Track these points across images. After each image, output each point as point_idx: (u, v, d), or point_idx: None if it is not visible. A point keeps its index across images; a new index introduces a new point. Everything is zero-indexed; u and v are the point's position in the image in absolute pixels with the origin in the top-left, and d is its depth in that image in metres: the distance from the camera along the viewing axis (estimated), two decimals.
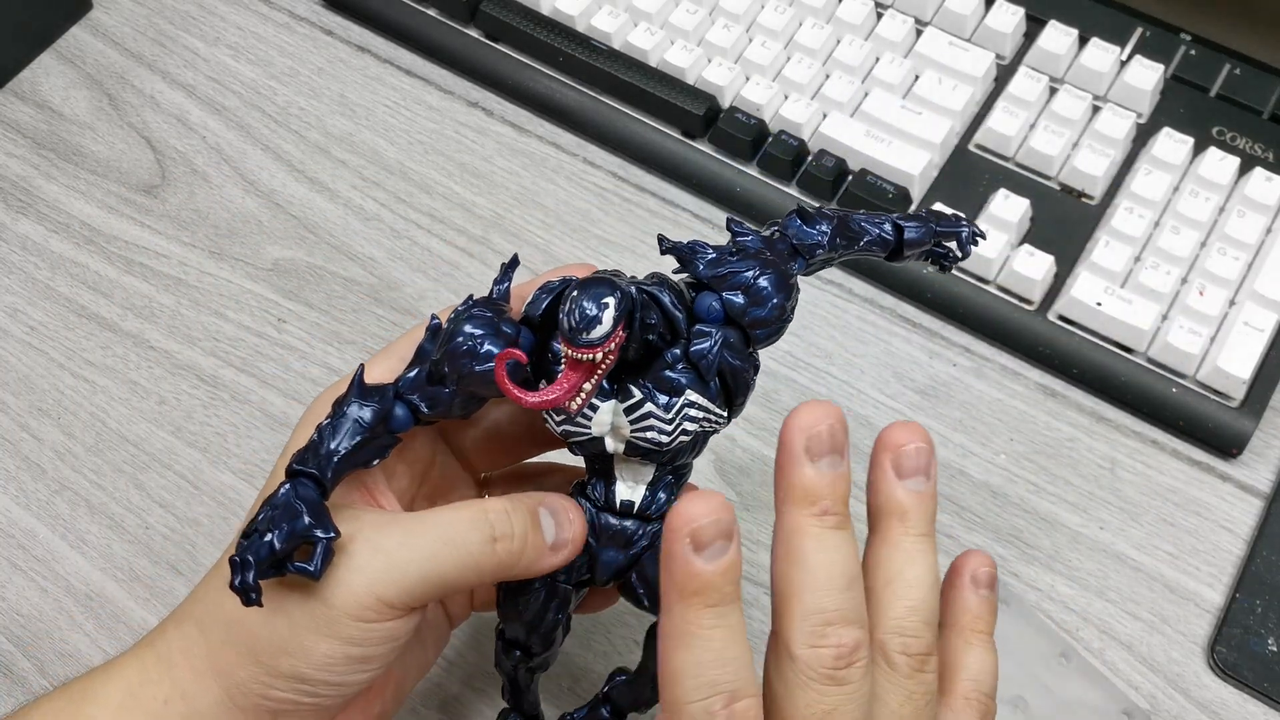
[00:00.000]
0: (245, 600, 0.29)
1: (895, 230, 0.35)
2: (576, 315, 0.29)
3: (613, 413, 0.32)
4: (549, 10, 0.58)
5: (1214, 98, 0.54)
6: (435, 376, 0.33)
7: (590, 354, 0.30)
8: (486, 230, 0.55)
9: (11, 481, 0.50)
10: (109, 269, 0.55)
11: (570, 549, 0.33)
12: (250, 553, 0.30)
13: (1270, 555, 0.46)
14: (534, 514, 0.33)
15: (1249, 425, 0.47)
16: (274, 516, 0.30)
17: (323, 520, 0.30)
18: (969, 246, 0.37)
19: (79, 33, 0.62)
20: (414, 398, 0.33)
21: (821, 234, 0.34)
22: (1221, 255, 0.49)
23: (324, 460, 0.31)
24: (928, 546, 0.31)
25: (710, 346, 0.32)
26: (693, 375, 0.32)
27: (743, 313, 0.32)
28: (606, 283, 0.30)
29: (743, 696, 0.28)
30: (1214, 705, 0.43)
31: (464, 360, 0.32)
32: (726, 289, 0.32)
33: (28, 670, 0.45)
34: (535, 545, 0.32)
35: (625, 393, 0.32)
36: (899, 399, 0.50)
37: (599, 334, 0.29)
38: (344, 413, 0.32)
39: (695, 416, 0.32)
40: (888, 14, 0.57)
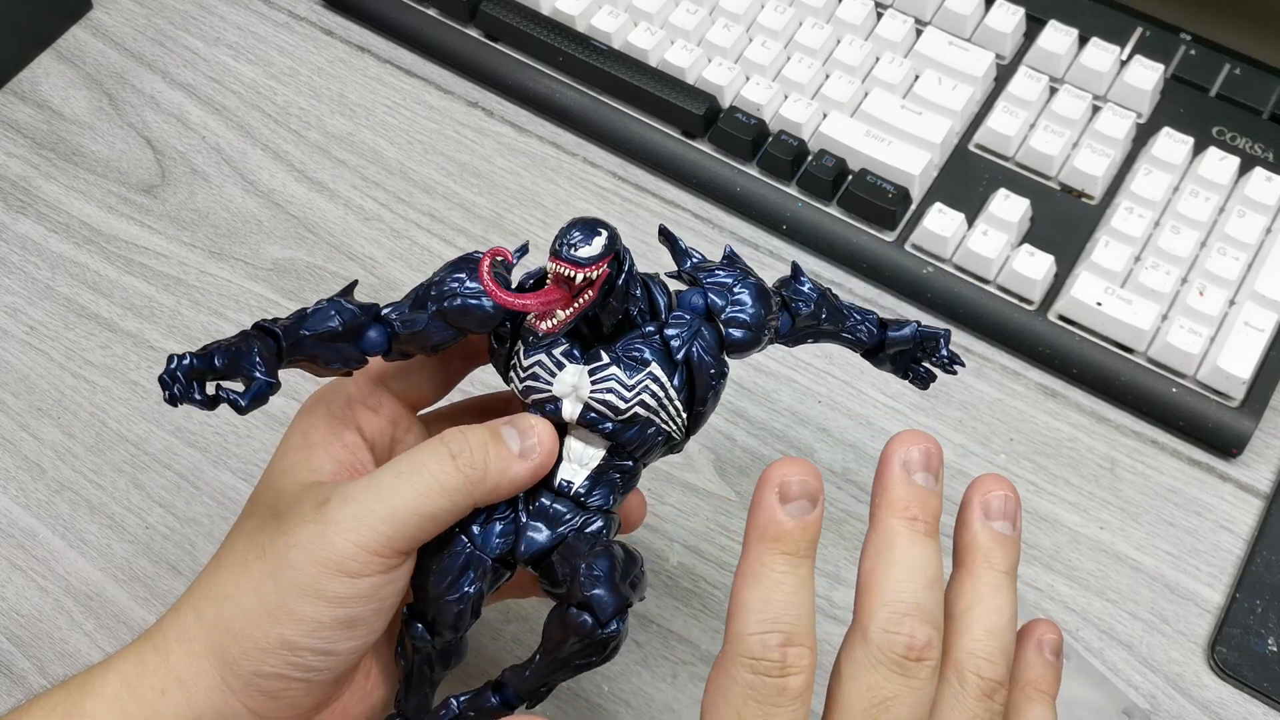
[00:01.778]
0: (168, 395, 0.30)
1: (879, 325, 0.37)
2: (569, 234, 0.30)
3: (577, 375, 0.33)
4: (549, 10, 0.58)
5: (1214, 98, 0.54)
6: (419, 302, 0.33)
7: (573, 270, 0.30)
8: (486, 230, 0.55)
9: (11, 481, 0.50)
10: (109, 269, 0.55)
11: (541, 453, 0.33)
12: (192, 353, 0.31)
13: (1270, 555, 0.46)
14: (493, 429, 0.33)
15: (1249, 425, 0.47)
16: (226, 346, 0.31)
17: (269, 366, 0.31)
18: (946, 350, 0.38)
19: (79, 33, 0.62)
20: (392, 316, 0.33)
21: (809, 293, 0.36)
22: (1221, 255, 0.49)
23: (290, 330, 0.32)
24: (1010, 585, 0.32)
25: (683, 331, 0.33)
26: (661, 354, 0.33)
27: (722, 310, 0.34)
28: (605, 222, 0.31)
29: (799, 643, 0.29)
30: (1214, 705, 0.43)
31: (450, 285, 0.33)
32: (711, 287, 0.34)
33: (28, 670, 0.45)
34: (500, 454, 0.33)
35: (593, 357, 0.33)
36: (899, 399, 0.50)
37: (586, 254, 0.30)
38: (324, 304, 0.33)
39: (655, 393, 0.33)
40: (888, 14, 0.57)
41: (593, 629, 0.31)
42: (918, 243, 0.52)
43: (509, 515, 0.34)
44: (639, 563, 0.34)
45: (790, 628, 0.29)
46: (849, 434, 0.49)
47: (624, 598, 0.32)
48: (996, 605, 0.31)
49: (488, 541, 0.34)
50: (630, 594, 0.32)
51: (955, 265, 0.52)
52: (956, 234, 0.51)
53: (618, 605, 0.32)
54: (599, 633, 0.32)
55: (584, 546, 0.33)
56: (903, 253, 0.52)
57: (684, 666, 0.45)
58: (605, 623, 0.32)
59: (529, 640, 0.45)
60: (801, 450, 0.49)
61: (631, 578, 0.33)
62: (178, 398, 0.30)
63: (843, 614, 0.45)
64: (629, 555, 0.33)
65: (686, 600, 0.46)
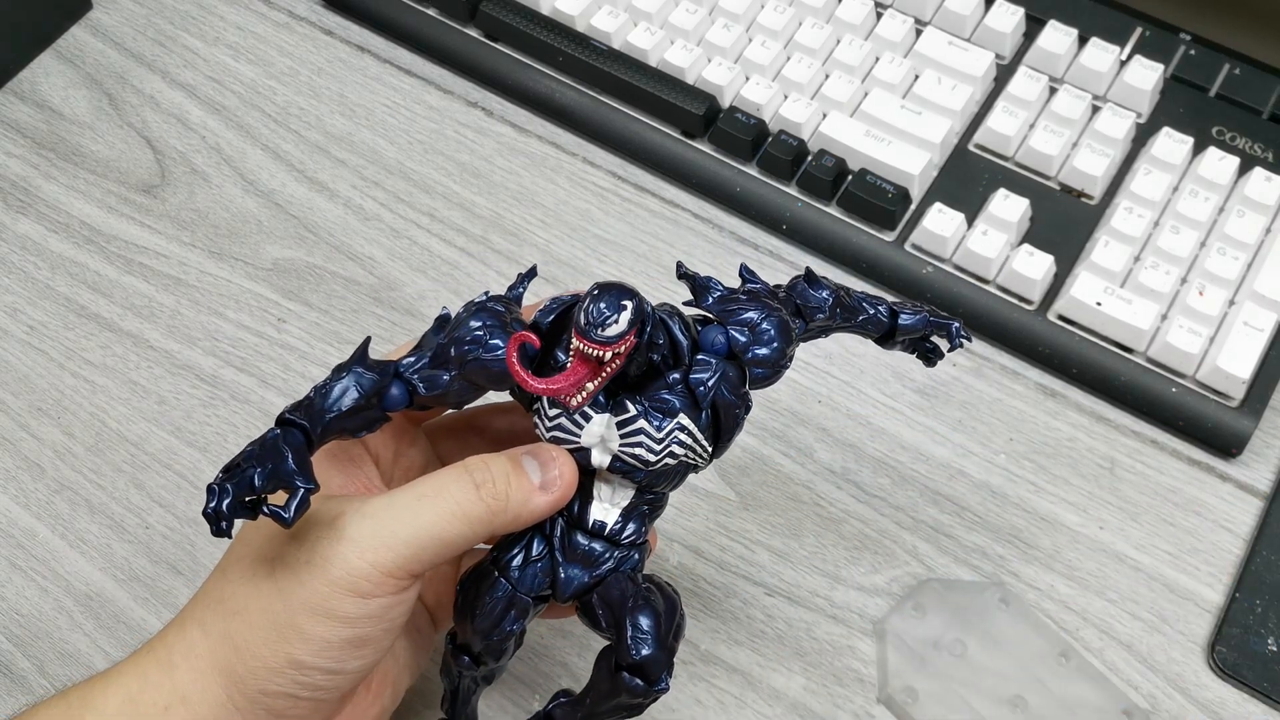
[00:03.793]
0: (215, 529, 0.30)
1: (891, 314, 0.37)
2: (594, 311, 0.30)
3: (605, 425, 0.33)
4: (549, 10, 0.58)
5: (1214, 98, 0.54)
6: (438, 360, 0.33)
7: (601, 350, 0.30)
8: (486, 230, 0.55)
9: (11, 481, 0.50)
10: (109, 269, 0.55)
11: (562, 486, 0.33)
12: (230, 483, 0.30)
13: (1270, 555, 0.46)
14: (514, 459, 0.33)
15: (1249, 425, 0.47)
16: (259, 455, 0.30)
17: (305, 469, 0.30)
18: (959, 341, 0.38)
19: (79, 33, 0.62)
20: (413, 378, 0.33)
21: (824, 300, 0.36)
22: (1221, 255, 0.49)
23: (315, 416, 0.32)
24: None
25: (709, 376, 0.33)
26: (688, 401, 0.33)
27: (745, 349, 0.33)
28: (627, 289, 0.31)
29: None
30: (1214, 705, 0.43)
31: (469, 347, 0.33)
32: (733, 324, 0.34)
33: (28, 670, 0.45)
34: (521, 486, 0.32)
35: (620, 407, 0.33)
36: (899, 399, 0.50)
37: (614, 331, 0.30)
38: (342, 377, 0.33)
39: (683, 441, 0.33)
40: (888, 14, 0.57)
41: (645, 691, 0.33)
42: (917, 243, 0.52)
43: (544, 554, 0.34)
44: (678, 607, 0.34)
45: None
46: (849, 434, 0.49)
47: (671, 652, 0.33)
48: None
49: (525, 581, 0.34)
50: (676, 645, 0.33)
51: (955, 265, 0.52)
52: (956, 234, 0.51)
53: (666, 662, 0.33)
54: (651, 691, 0.33)
55: (623, 588, 0.34)
56: (902, 253, 0.52)
57: (684, 666, 0.45)
58: (656, 681, 0.33)
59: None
60: (801, 450, 0.49)
61: (675, 627, 0.34)
62: (225, 531, 0.30)
63: (842, 614, 0.45)
64: (669, 602, 0.34)
65: (686, 600, 0.46)
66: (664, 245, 0.54)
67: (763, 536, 0.47)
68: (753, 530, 0.47)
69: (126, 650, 0.45)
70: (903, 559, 0.46)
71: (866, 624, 0.45)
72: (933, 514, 0.47)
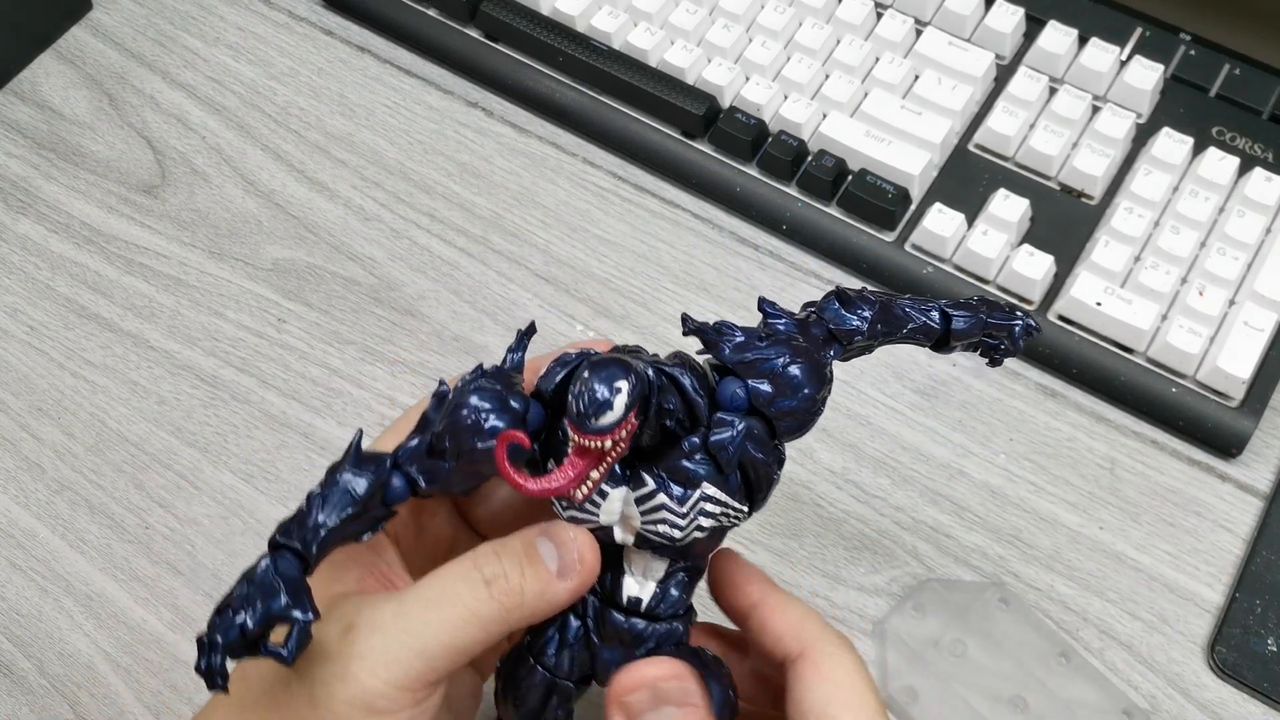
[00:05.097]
0: (210, 684, 0.27)
1: (943, 319, 0.34)
2: (586, 399, 0.27)
3: (623, 500, 0.30)
4: (549, 10, 0.58)
5: (1214, 98, 0.54)
6: (436, 449, 0.30)
7: (599, 441, 0.27)
8: (486, 230, 0.55)
9: (11, 481, 0.50)
10: (109, 269, 0.55)
11: (582, 572, 0.31)
12: (220, 632, 0.28)
13: (1270, 555, 0.46)
14: (528, 545, 0.30)
15: (1249, 425, 0.47)
16: (249, 594, 0.28)
17: (301, 600, 0.28)
18: (1022, 342, 0.35)
19: (79, 33, 0.62)
20: (412, 469, 0.30)
21: (862, 319, 0.32)
22: (1221, 255, 0.49)
23: (310, 533, 0.29)
24: None
25: (731, 437, 0.30)
26: (711, 467, 0.30)
27: (769, 402, 0.30)
28: (620, 364, 0.28)
29: None
30: (1214, 705, 0.43)
31: (466, 435, 0.29)
32: (753, 376, 0.30)
33: (28, 670, 0.45)
34: (537, 577, 0.30)
35: (638, 480, 0.30)
36: (899, 399, 0.50)
37: (609, 420, 0.27)
38: (336, 481, 0.29)
39: (712, 511, 0.30)
40: (888, 14, 0.57)
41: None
42: (918, 243, 0.52)
43: (581, 635, 0.32)
44: (729, 691, 0.32)
45: None
46: (849, 434, 0.49)
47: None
48: None
49: (563, 666, 0.32)
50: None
51: (955, 265, 0.52)
52: (956, 234, 0.51)
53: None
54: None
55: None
56: (903, 253, 0.52)
57: None
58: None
59: None
60: (801, 450, 0.49)
61: (720, 708, 0.32)
62: (221, 686, 0.28)
63: (842, 614, 0.45)
64: (719, 688, 0.31)
65: None
66: (664, 245, 0.54)
67: (763, 536, 0.47)
68: (753, 530, 0.47)
69: (126, 650, 0.46)
70: (903, 559, 0.46)
71: (866, 624, 0.45)
72: (933, 514, 0.47)
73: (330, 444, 0.50)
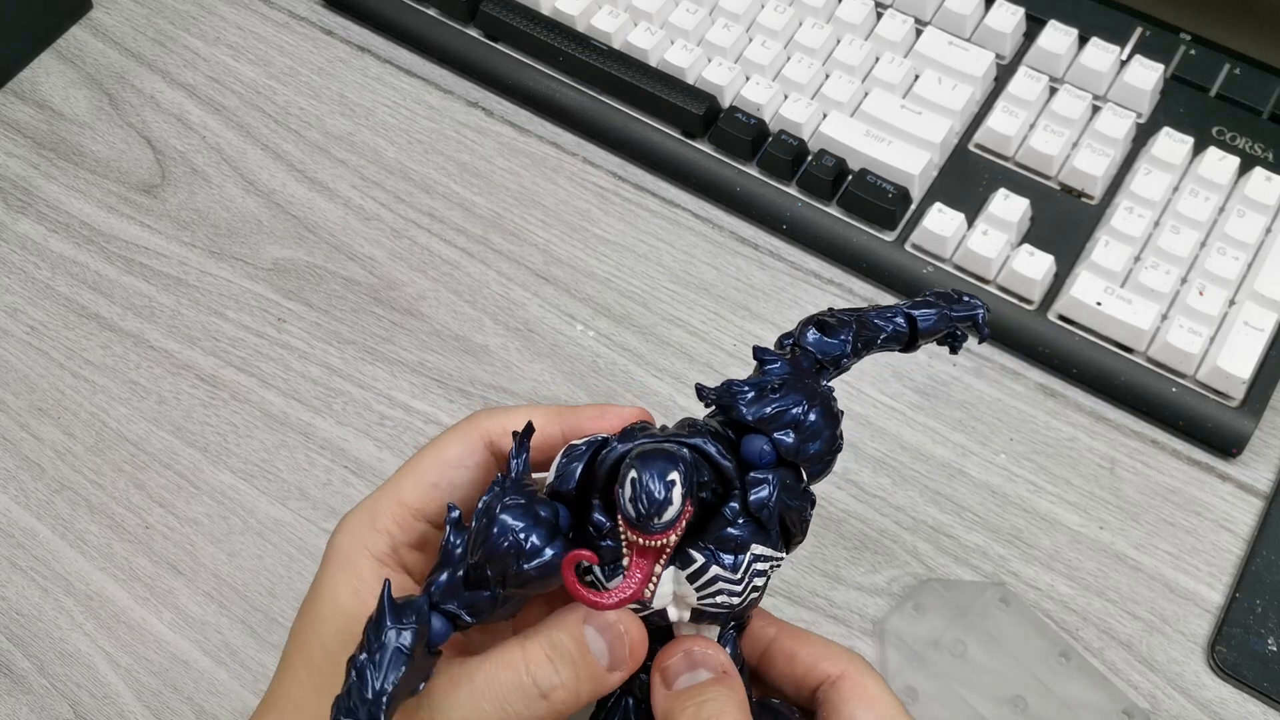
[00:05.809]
0: None
1: (908, 321, 0.34)
2: (645, 501, 0.27)
3: (674, 582, 0.30)
4: (549, 10, 0.58)
5: (1214, 98, 0.54)
6: (475, 579, 0.29)
7: (664, 540, 0.27)
8: (486, 230, 0.55)
9: (11, 481, 0.50)
10: (109, 269, 0.55)
11: (632, 660, 0.31)
12: None
13: (1270, 555, 0.46)
14: (579, 642, 0.30)
15: (1249, 425, 0.47)
16: None
17: None
18: (987, 329, 0.36)
19: (79, 33, 0.62)
20: (451, 606, 0.29)
21: (844, 343, 0.33)
22: (1221, 255, 0.49)
23: (374, 706, 0.28)
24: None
25: (770, 495, 0.30)
26: (754, 527, 0.30)
27: (796, 451, 0.30)
28: (666, 455, 0.28)
29: None
30: (1214, 705, 0.43)
31: (511, 560, 0.29)
32: (776, 429, 0.30)
33: (28, 670, 0.45)
34: (592, 676, 0.30)
35: (684, 558, 0.30)
36: (899, 399, 0.50)
37: (670, 516, 0.27)
38: (383, 642, 0.28)
39: (763, 570, 0.30)
40: (888, 14, 0.57)
41: None
42: (918, 242, 0.52)
43: (646, 717, 0.32)
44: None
45: None
46: (849, 434, 0.49)
47: None
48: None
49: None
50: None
51: (955, 265, 0.52)
52: (956, 234, 0.51)
53: None
54: None
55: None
56: (903, 253, 0.52)
57: None
58: None
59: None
60: None
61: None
62: None
63: (842, 614, 0.45)
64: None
65: None
66: (664, 245, 0.54)
67: None
68: None
69: (126, 650, 0.46)
70: (903, 559, 0.46)
71: (866, 624, 0.45)
72: (933, 514, 0.47)
73: (330, 444, 0.50)
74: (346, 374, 0.52)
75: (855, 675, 0.34)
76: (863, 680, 0.33)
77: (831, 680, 0.34)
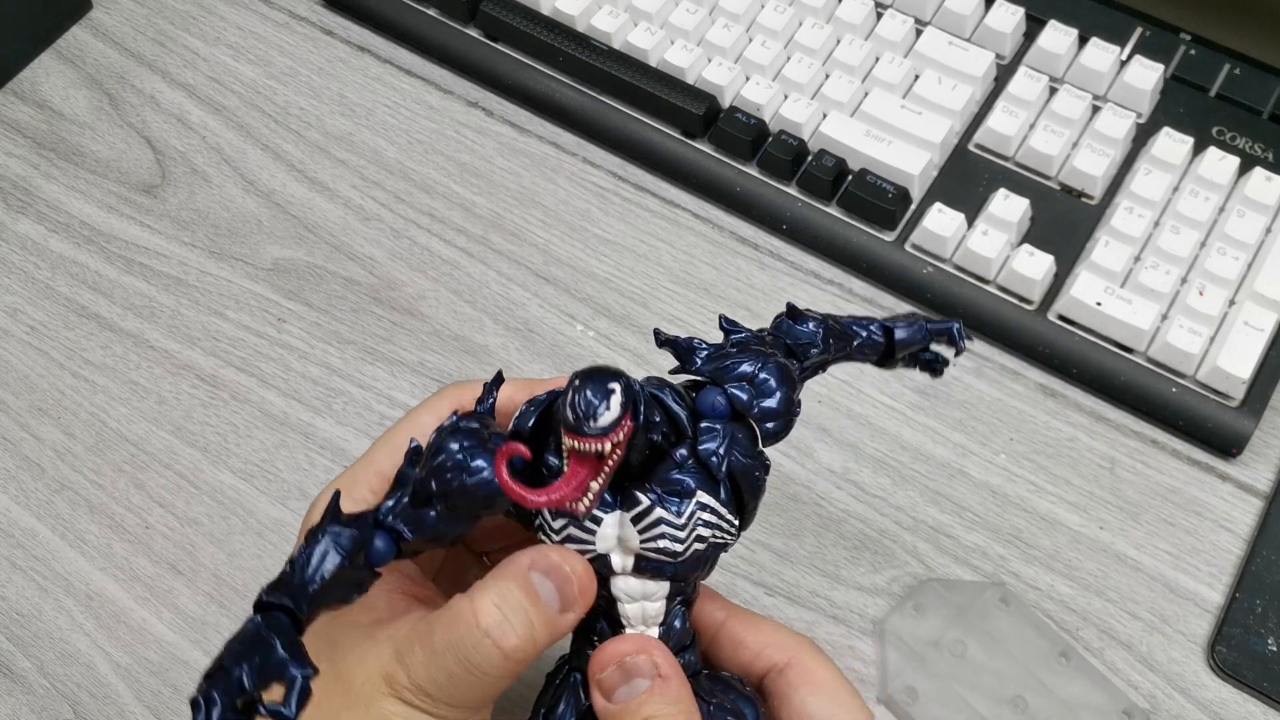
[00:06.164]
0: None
1: (884, 331, 0.35)
2: (582, 404, 0.28)
3: (618, 524, 0.31)
4: (549, 10, 0.58)
5: (1214, 98, 0.54)
6: (420, 497, 0.30)
7: (598, 444, 0.28)
8: (486, 230, 0.55)
9: (11, 481, 0.50)
10: (109, 269, 0.55)
11: (583, 600, 0.31)
12: (216, 689, 0.27)
13: (1270, 555, 0.46)
14: (527, 588, 0.30)
15: (1249, 425, 0.47)
16: (242, 651, 0.27)
17: (298, 654, 0.28)
18: (963, 342, 0.36)
19: (79, 33, 0.62)
20: (396, 523, 0.30)
21: (813, 333, 0.33)
22: (1221, 255, 0.49)
23: (297, 591, 0.29)
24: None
25: (719, 444, 0.30)
26: (703, 476, 0.30)
27: (749, 405, 0.31)
28: (610, 371, 0.28)
29: None
30: (1214, 705, 0.43)
31: (452, 474, 0.30)
32: (730, 382, 0.31)
33: (28, 670, 0.45)
34: (544, 621, 0.30)
35: (630, 500, 0.30)
36: (899, 399, 0.50)
37: (606, 421, 0.27)
38: (318, 541, 0.29)
39: (709, 521, 0.31)
40: (888, 14, 0.57)
41: None
42: (918, 243, 0.52)
43: (579, 697, 0.32)
44: (757, 706, 0.32)
45: None
46: (849, 434, 0.49)
47: None
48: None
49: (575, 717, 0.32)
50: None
51: (955, 265, 0.52)
52: (956, 234, 0.51)
53: None
54: None
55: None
56: (903, 253, 0.52)
57: None
58: None
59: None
60: (801, 450, 0.49)
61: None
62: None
63: (842, 614, 0.45)
64: (753, 710, 0.32)
65: None
66: (664, 245, 0.54)
67: (763, 536, 0.47)
68: (753, 530, 0.47)
69: (126, 650, 0.46)
70: (903, 559, 0.46)
71: (866, 624, 0.45)
72: (933, 514, 0.47)
73: (330, 444, 0.50)
74: (346, 374, 0.52)
75: (803, 661, 0.33)
76: (810, 665, 0.33)
77: (779, 669, 0.33)
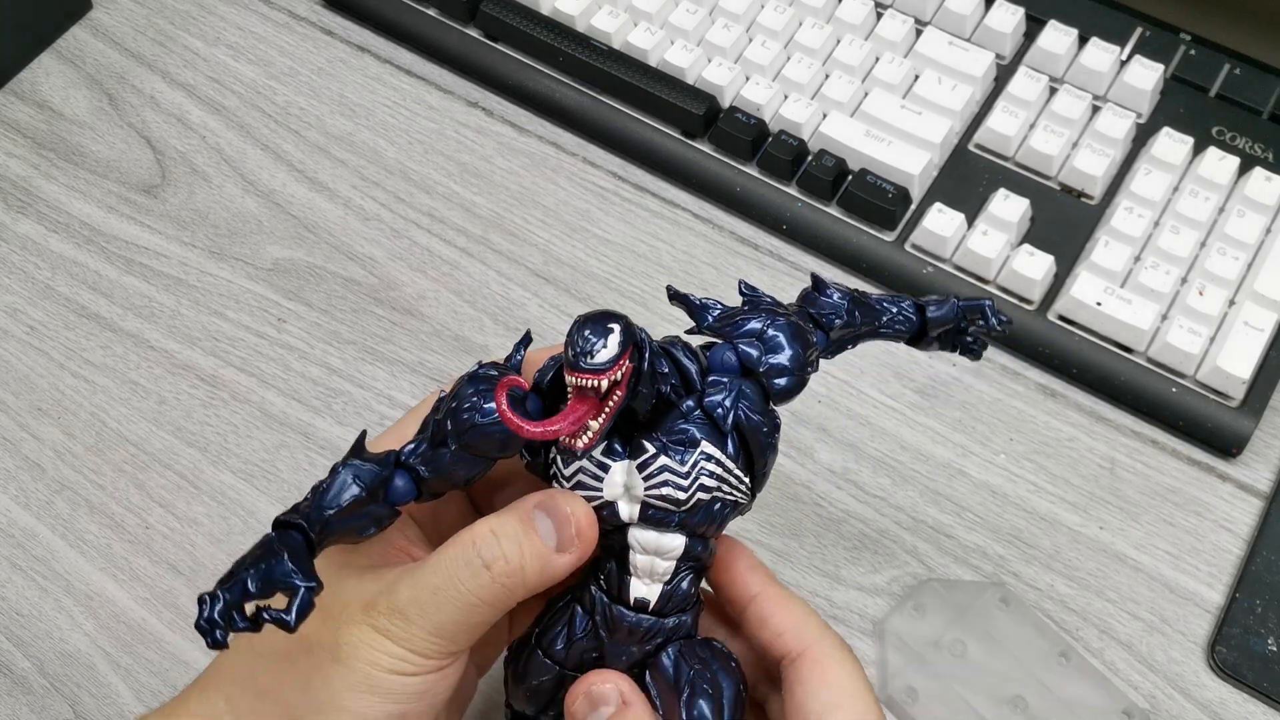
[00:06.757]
0: (210, 640, 0.28)
1: (917, 308, 0.34)
2: (581, 341, 0.28)
3: (625, 473, 0.31)
4: (549, 10, 0.58)
5: (1214, 98, 0.54)
6: (437, 438, 0.31)
7: (595, 379, 0.28)
8: (486, 230, 0.55)
9: (11, 481, 0.50)
10: (109, 269, 0.55)
11: (581, 545, 0.31)
12: (223, 589, 0.28)
13: (1270, 555, 0.46)
14: (525, 521, 0.31)
15: (1249, 425, 0.47)
16: (253, 559, 0.29)
17: (304, 567, 0.28)
18: (994, 320, 0.35)
19: (79, 33, 0.62)
20: (414, 462, 0.31)
21: (838, 304, 0.33)
22: (1221, 255, 0.49)
23: (314, 515, 0.30)
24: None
25: (725, 396, 0.31)
26: (708, 428, 0.31)
27: (759, 362, 0.31)
28: (611, 313, 0.29)
29: None
30: (1214, 705, 0.43)
31: (466, 414, 0.30)
32: (740, 338, 0.31)
33: (28, 670, 0.45)
34: (536, 554, 0.31)
35: (638, 449, 0.31)
36: (899, 399, 0.50)
37: (605, 356, 0.28)
38: (339, 472, 0.30)
39: (713, 472, 0.31)
40: (888, 14, 0.57)
41: None
42: (918, 243, 0.52)
43: (589, 629, 0.32)
44: (739, 687, 0.32)
45: None
46: (849, 434, 0.49)
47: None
48: None
49: (572, 658, 0.33)
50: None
51: (955, 265, 0.52)
52: (956, 234, 0.51)
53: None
54: None
55: (677, 668, 0.32)
56: (903, 253, 0.52)
57: None
58: None
59: None
60: (801, 450, 0.49)
61: (733, 706, 0.32)
62: (220, 642, 0.28)
63: (842, 614, 0.45)
64: (729, 684, 0.32)
65: None
66: (664, 245, 0.54)
67: (763, 536, 0.47)
68: (753, 530, 0.47)
69: (126, 650, 0.46)
70: (903, 559, 0.46)
71: (866, 624, 0.45)
72: (933, 514, 0.47)
73: (330, 444, 0.50)
74: (346, 374, 0.52)
75: (816, 655, 0.32)
76: (824, 660, 0.32)
77: (791, 658, 0.33)
